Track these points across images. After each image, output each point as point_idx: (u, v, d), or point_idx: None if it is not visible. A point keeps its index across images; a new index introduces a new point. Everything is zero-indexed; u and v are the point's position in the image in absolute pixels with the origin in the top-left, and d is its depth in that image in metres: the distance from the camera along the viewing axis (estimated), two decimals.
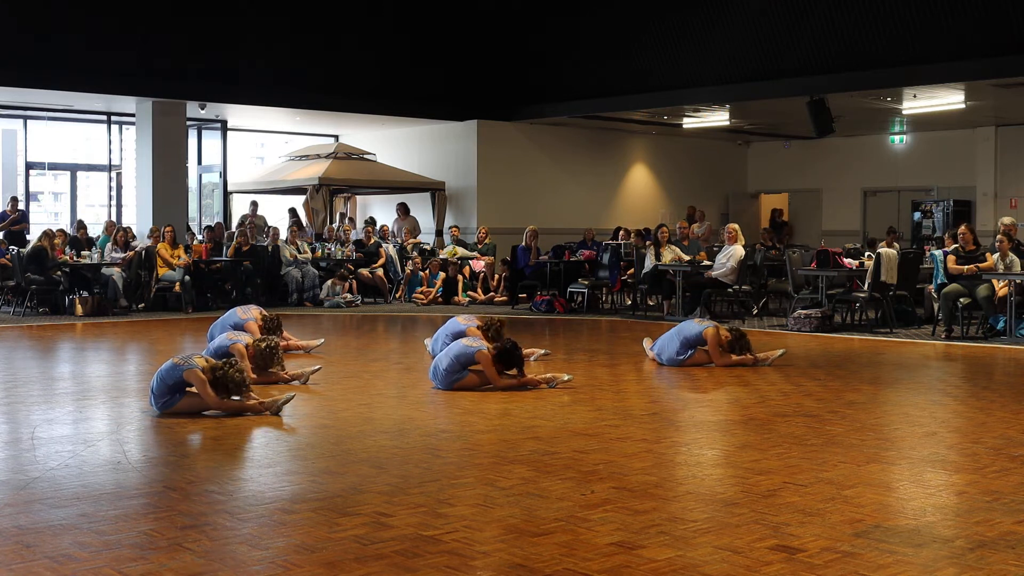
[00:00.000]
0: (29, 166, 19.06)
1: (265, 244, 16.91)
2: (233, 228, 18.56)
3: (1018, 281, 11.68)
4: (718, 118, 19.74)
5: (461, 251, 17.68)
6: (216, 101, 17.75)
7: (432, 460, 5.67)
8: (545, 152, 20.70)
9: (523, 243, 16.73)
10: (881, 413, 7.32)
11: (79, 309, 14.21)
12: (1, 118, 19.21)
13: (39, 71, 15.52)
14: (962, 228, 12.51)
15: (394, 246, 18.24)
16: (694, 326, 9.57)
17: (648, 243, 14.91)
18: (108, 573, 3.79)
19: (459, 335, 9.01)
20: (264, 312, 10.03)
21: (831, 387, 8.29)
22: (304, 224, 19.04)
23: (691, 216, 20.78)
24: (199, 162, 20.71)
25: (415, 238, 19.41)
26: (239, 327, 9.52)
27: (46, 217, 23.08)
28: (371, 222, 19.49)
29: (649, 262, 14.40)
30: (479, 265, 17.41)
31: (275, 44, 17.54)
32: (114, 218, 19.01)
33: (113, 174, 19.60)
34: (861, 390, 8.19)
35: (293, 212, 19.76)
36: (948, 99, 16.65)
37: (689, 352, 9.42)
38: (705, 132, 21.63)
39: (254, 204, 19.72)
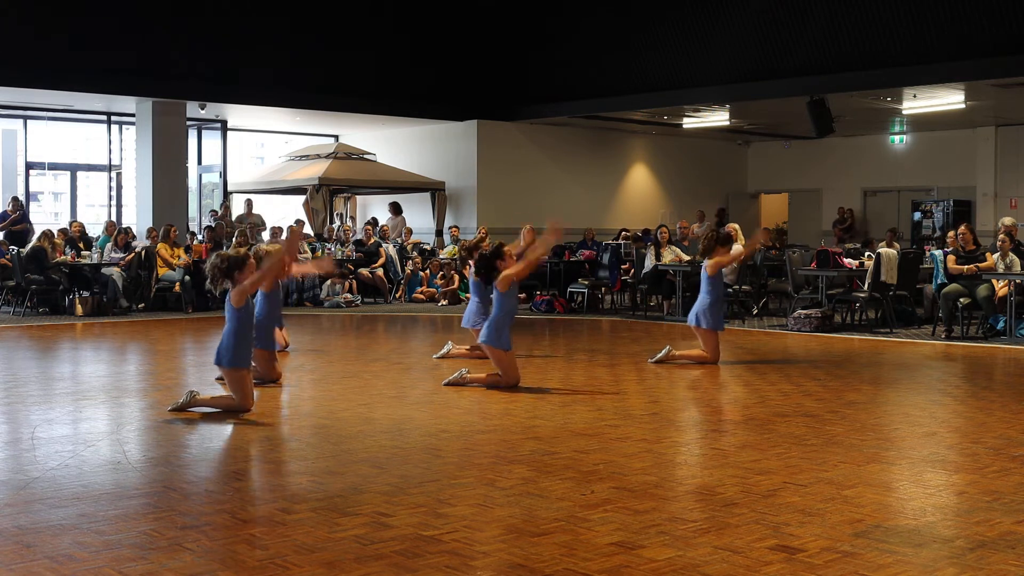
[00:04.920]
0: (29, 166, 19.05)
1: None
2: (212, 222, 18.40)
3: (1018, 281, 11.68)
4: (718, 118, 19.73)
5: None
6: (216, 101, 17.75)
7: (432, 460, 5.66)
8: (545, 152, 20.70)
9: (522, 243, 16.66)
10: (881, 413, 7.31)
11: (79, 309, 14.21)
12: (1, 118, 19.21)
13: (39, 71, 15.51)
14: (962, 228, 12.51)
15: (394, 246, 18.23)
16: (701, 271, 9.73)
17: (648, 243, 14.93)
18: (108, 573, 3.79)
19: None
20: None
21: (831, 387, 8.29)
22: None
23: (701, 219, 20.67)
24: (199, 162, 20.71)
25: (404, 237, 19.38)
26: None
27: (46, 217, 23.07)
28: (372, 222, 19.48)
29: (649, 262, 14.41)
30: None
31: (275, 44, 17.53)
32: (114, 218, 19.00)
33: (113, 174, 19.60)
34: (861, 390, 8.19)
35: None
36: (948, 99, 16.64)
37: (711, 295, 9.54)
38: (705, 132, 21.62)
39: (248, 203, 19.69)
